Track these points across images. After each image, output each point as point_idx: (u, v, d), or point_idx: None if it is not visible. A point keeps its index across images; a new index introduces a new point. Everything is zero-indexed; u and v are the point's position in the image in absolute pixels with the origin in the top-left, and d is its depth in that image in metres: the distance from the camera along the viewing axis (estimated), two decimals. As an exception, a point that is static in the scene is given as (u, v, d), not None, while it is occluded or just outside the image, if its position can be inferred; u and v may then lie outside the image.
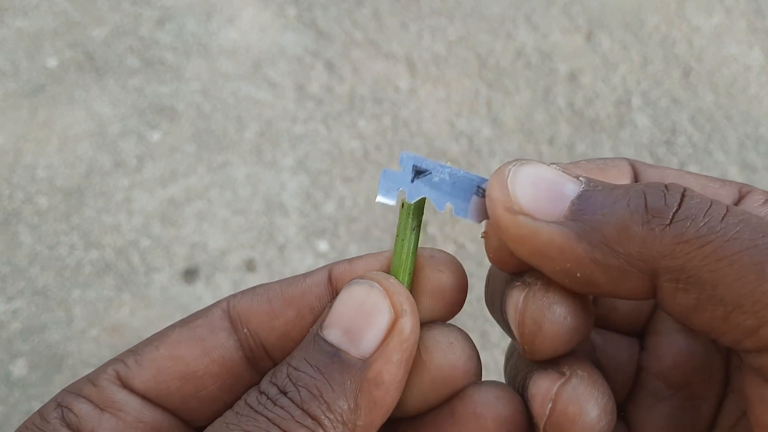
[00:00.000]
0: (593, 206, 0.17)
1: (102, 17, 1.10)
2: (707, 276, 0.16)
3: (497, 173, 0.19)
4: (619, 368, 0.23)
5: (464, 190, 0.21)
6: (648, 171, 0.21)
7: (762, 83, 1.08)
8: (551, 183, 0.18)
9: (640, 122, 1.03)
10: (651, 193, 0.17)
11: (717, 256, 0.15)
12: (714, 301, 0.16)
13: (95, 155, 0.96)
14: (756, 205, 0.20)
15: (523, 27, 1.12)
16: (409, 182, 0.21)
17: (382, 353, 0.18)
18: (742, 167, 1.00)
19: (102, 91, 1.02)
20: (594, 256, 0.17)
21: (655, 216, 0.16)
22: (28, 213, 0.90)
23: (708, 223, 0.16)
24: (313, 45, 1.08)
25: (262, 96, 1.03)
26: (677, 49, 1.11)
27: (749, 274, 0.15)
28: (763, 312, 0.15)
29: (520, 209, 0.18)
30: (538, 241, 0.18)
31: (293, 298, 0.21)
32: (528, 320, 0.19)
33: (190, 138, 0.98)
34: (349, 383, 0.18)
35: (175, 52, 1.07)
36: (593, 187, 0.18)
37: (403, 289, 0.19)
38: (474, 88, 1.05)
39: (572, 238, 0.17)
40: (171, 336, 0.21)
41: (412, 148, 0.99)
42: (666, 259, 0.16)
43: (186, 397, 0.21)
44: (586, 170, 0.21)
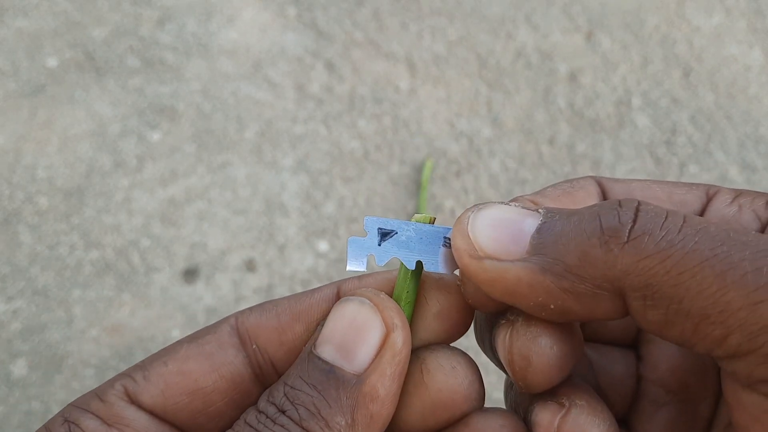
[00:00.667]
0: (552, 237, 0.18)
1: (102, 17, 1.10)
2: (671, 291, 0.16)
3: (457, 223, 0.19)
4: (618, 381, 0.24)
5: (432, 243, 0.21)
6: (615, 186, 0.22)
7: (762, 83, 1.08)
8: (510, 222, 0.19)
9: (640, 122, 1.04)
10: (605, 213, 0.17)
11: (678, 269, 0.16)
12: (682, 315, 0.16)
13: (95, 155, 0.96)
14: (723, 205, 0.20)
15: (524, 27, 1.12)
16: (377, 246, 0.21)
17: (376, 368, 0.18)
18: (742, 167, 1.00)
19: (102, 91, 1.02)
20: (562, 286, 0.17)
21: (611, 236, 0.16)
22: (28, 213, 0.90)
23: (665, 236, 0.16)
24: (313, 45, 1.08)
25: (262, 96, 1.03)
26: (677, 49, 1.11)
27: (711, 285, 0.15)
28: (728, 321, 0.15)
29: (484, 254, 0.18)
30: (507, 281, 0.18)
31: (301, 313, 0.22)
32: (516, 357, 0.19)
33: (191, 138, 0.98)
34: (345, 399, 0.18)
35: (175, 52, 1.07)
36: (551, 217, 0.18)
37: (393, 304, 0.19)
38: (474, 88, 1.05)
39: (537, 272, 0.18)
40: (179, 351, 0.21)
41: (412, 148, 0.99)
42: (630, 277, 0.16)
43: (194, 413, 0.21)
44: (552, 198, 0.21)
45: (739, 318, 0.15)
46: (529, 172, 0.98)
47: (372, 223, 0.21)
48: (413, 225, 0.21)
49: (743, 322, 0.15)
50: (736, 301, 0.15)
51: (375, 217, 0.21)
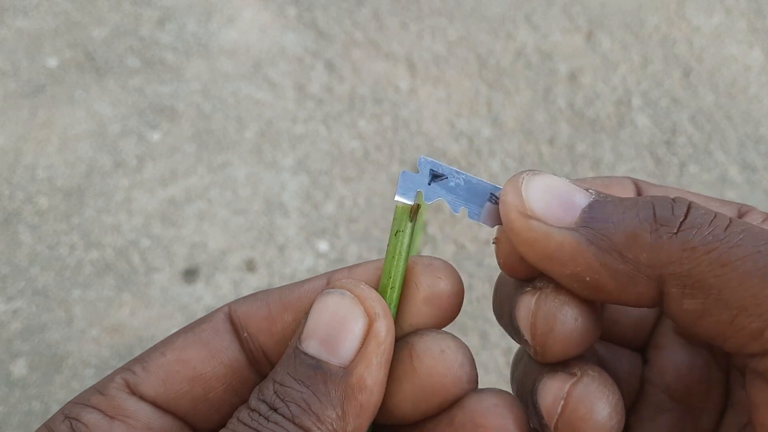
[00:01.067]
0: (604, 215, 0.18)
1: (102, 17, 1.10)
2: (713, 281, 0.16)
3: (512, 180, 0.20)
4: (622, 379, 0.24)
5: (478, 195, 0.22)
6: (651, 189, 0.22)
7: (762, 83, 1.08)
8: (563, 192, 0.19)
9: (640, 122, 1.04)
10: (659, 204, 0.18)
11: (722, 261, 0.16)
12: (719, 306, 0.16)
13: (95, 155, 0.96)
14: (756, 222, 0.21)
15: (524, 27, 1.12)
16: (427, 185, 0.22)
17: (362, 358, 0.18)
18: (742, 167, 1.00)
19: (102, 91, 1.02)
20: (604, 261, 0.18)
21: (663, 225, 0.17)
22: (29, 213, 0.90)
23: (713, 231, 0.16)
24: (313, 45, 1.08)
25: (262, 96, 1.03)
26: (677, 49, 1.11)
27: (753, 278, 0.16)
28: (767, 314, 0.16)
29: (533, 214, 0.19)
30: (550, 245, 0.18)
31: (291, 303, 0.22)
32: (540, 322, 0.19)
33: (191, 138, 0.98)
34: (334, 392, 0.18)
35: (175, 52, 1.07)
36: (603, 198, 0.19)
37: (374, 294, 0.19)
38: (474, 89, 1.05)
39: (583, 243, 0.18)
40: (176, 342, 0.21)
41: (412, 148, 0.99)
42: (673, 265, 0.17)
43: (195, 400, 0.21)
44: (592, 185, 0.22)
45: None
46: (529, 172, 0.99)
47: (426, 163, 0.22)
48: (464, 175, 0.22)
49: None
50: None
51: (430, 158, 0.22)
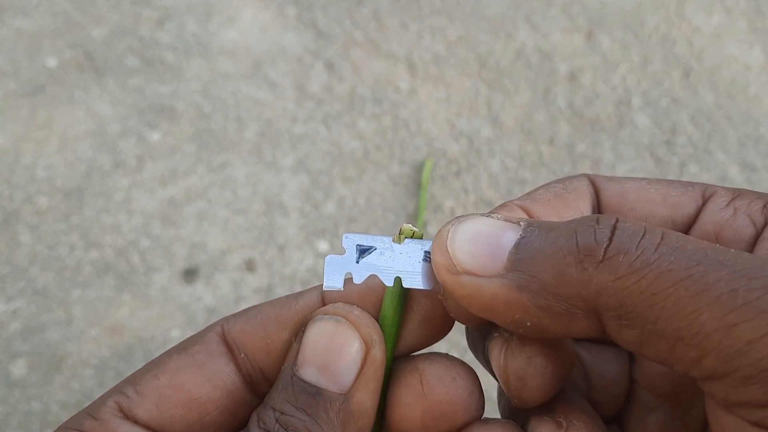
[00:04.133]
0: (530, 253, 0.17)
1: (102, 17, 1.10)
2: (646, 311, 0.16)
3: (437, 237, 0.19)
4: (611, 382, 0.24)
5: (412, 258, 0.21)
6: (608, 187, 0.21)
7: (762, 83, 1.08)
8: (489, 236, 0.18)
9: (640, 122, 1.04)
10: (581, 231, 0.17)
11: (653, 290, 0.15)
12: (657, 336, 0.16)
13: (95, 155, 0.96)
14: (718, 209, 0.20)
15: (523, 27, 1.12)
16: (355, 263, 0.21)
17: (361, 384, 0.19)
18: (742, 167, 1.00)
19: (102, 91, 1.02)
20: (537, 304, 0.17)
21: (586, 255, 0.16)
22: (28, 213, 0.90)
23: (641, 255, 0.16)
24: (313, 45, 1.08)
25: (262, 96, 1.03)
26: (677, 49, 1.11)
27: (686, 306, 0.15)
28: (703, 343, 0.15)
29: (462, 269, 0.18)
30: (484, 298, 0.18)
31: (287, 321, 0.22)
32: (512, 377, 0.19)
33: (190, 138, 0.98)
34: (335, 418, 0.18)
35: (175, 52, 1.07)
36: (531, 232, 0.18)
37: (369, 320, 0.20)
38: (474, 89, 1.05)
39: (513, 289, 0.17)
40: (169, 364, 0.21)
41: (412, 148, 0.99)
42: (604, 297, 0.16)
43: (190, 424, 0.21)
44: (542, 202, 0.21)
45: (713, 341, 0.15)
46: (529, 171, 0.98)
47: (350, 240, 0.21)
48: (391, 242, 0.21)
49: (717, 344, 0.15)
50: (711, 323, 0.15)
51: (355, 233, 0.21)
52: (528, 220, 0.19)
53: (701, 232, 0.20)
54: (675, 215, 0.20)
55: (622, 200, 0.21)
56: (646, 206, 0.21)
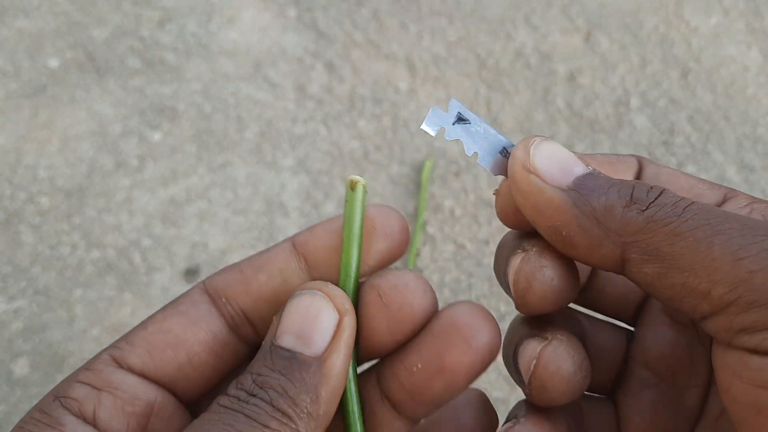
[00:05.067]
0: (592, 185, 0.22)
1: (103, 18, 1.10)
2: (667, 249, 0.19)
3: (524, 140, 0.23)
4: (606, 352, 0.27)
5: (492, 145, 0.25)
6: (648, 169, 0.26)
7: (760, 83, 1.08)
8: (565, 160, 0.23)
9: (638, 122, 1.04)
10: (638, 187, 0.21)
11: (675, 232, 0.19)
12: (673, 270, 0.19)
13: (96, 155, 0.96)
14: (737, 207, 0.23)
15: (523, 28, 1.13)
16: (451, 123, 0.25)
17: (334, 349, 0.21)
18: (740, 167, 1.01)
19: (103, 92, 1.02)
20: (580, 222, 0.21)
21: (635, 203, 0.20)
22: (30, 213, 0.91)
23: (674, 210, 0.20)
24: (313, 46, 1.09)
25: (262, 96, 1.03)
26: (676, 49, 1.12)
27: (700, 245, 0.19)
28: (713, 275, 0.18)
29: (534, 170, 0.22)
30: (541, 198, 0.22)
31: (262, 264, 0.25)
32: (521, 279, 0.22)
33: (191, 138, 0.99)
34: (308, 379, 0.20)
35: (175, 52, 1.07)
36: (597, 173, 0.22)
37: (340, 292, 0.22)
38: (474, 89, 1.06)
39: (568, 202, 0.21)
40: (156, 316, 0.24)
41: (412, 148, 0.99)
42: (636, 235, 0.20)
43: (180, 365, 0.23)
44: (599, 162, 0.25)
45: (722, 272, 0.18)
46: (528, 172, 0.99)
47: (455, 105, 0.25)
48: (485, 124, 0.25)
49: (725, 275, 0.18)
50: (721, 258, 0.18)
51: (460, 102, 0.25)
52: (596, 169, 0.23)
53: None
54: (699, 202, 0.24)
55: (656, 180, 0.25)
56: (675, 189, 0.24)
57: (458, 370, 0.23)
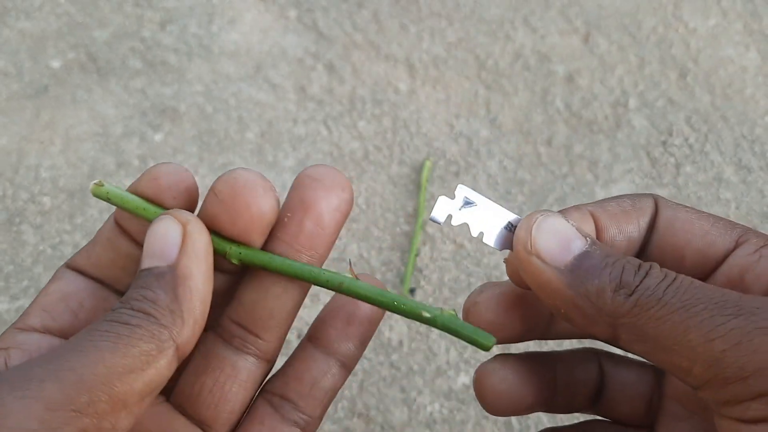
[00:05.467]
0: (587, 265, 0.23)
1: (104, 19, 1.11)
2: (651, 332, 0.21)
3: (527, 218, 0.25)
4: (629, 387, 0.29)
5: (498, 223, 0.27)
6: (665, 211, 0.27)
7: (758, 84, 1.09)
8: (564, 237, 0.24)
9: (637, 123, 1.05)
10: (627, 269, 0.22)
11: (657, 317, 0.21)
12: (659, 350, 0.22)
13: (98, 156, 0.97)
14: (747, 253, 0.25)
15: (522, 29, 1.13)
16: (458, 209, 0.26)
17: (184, 253, 0.23)
18: (737, 167, 1.01)
19: (105, 92, 1.03)
20: (576, 303, 0.23)
21: (623, 287, 0.22)
22: (32, 213, 0.91)
23: (655, 292, 0.21)
24: (313, 47, 1.09)
25: (263, 97, 1.04)
26: (674, 50, 1.12)
27: (677, 329, 0.21)
28: (691, 356, 0.20)
29: (535, 252, 0.24)
30: (542, 279, 0.24)
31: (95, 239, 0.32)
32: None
33: (193, 139, 0.99)
34: (165, 283, 0.23)
35: (177, 53, 1.08)
36: (594, 249, 0.24)
37: (181, 210, 0.25)
38: (473, 90, 1.06)
39: (564, 284, 0.23)
40: None
41: (411, 148, 1.00)
42: (624, 318, 0.22)
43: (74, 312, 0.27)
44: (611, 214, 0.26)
45: (698, 353, 0.20)
46: (528, 172, 0.99)
47: (462, 191, 0.27)
48: (490, 204, 0.26)
49: (700, 356, 0.20)
50: (696, 339, 0.20)
51: (467, 187, 0.27)
52: (593, 239, 0.24)
53: (728, 271, 0.25)
54: (708, 251, 0.25)
55: (670, 226, 0.26)
56: (687, 236, 0.26)
57: (320, 206, 0.25)
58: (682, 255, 0.25)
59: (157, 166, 0.27)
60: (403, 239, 0.92)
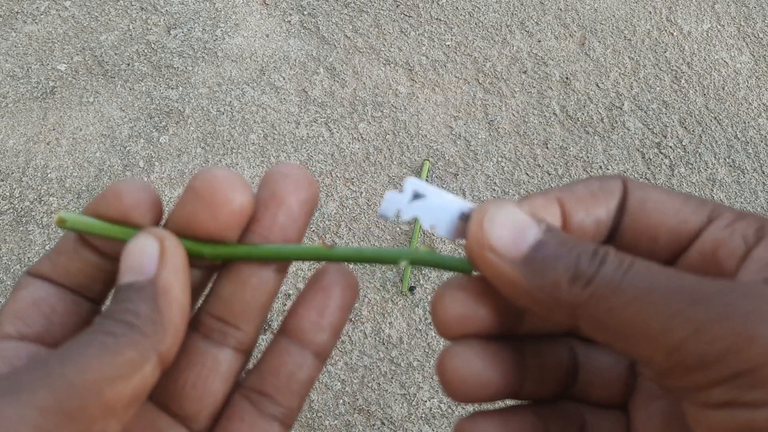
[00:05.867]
0: (542, 256, 0.23)
1: (110, 23, 1.12)
2: (609, 322, 0.21)
3: (477, 213, 0.24)
4: (603, 368, 0.28)
5: (451, 214, 0.25)
6: (635, 192, 0.26)
7: (751, 86, 1.10)
8: (519, 226, 0.23)
9: (631, 125, 1.06)
10: (582, 258, 0.22)
11: (615, 306, 0.21)
12: (619, 339, 0.22)
13: (105, 157, 0.98)
14: (719, 228, 0.24)
15: (519, 33, 1.14)
16: (406, 203, 0.25)
17: (163, 267, 0.23)
18: (731, 169, 1.02)
19: (111, 95, 1.04)
20: (533, 294, 0.23)
21: (579, 277, 0.22)
22: (39, 213, 0.93)
23: (611, 282, 0.21)
24: (315, 51, 1.10)
25: (266, 100, 1.05)
26: (668, 54, 1.13)
27: (635, 319, 0.21)
28: (651, 344, 0.21)
29: (488, 246, 0.23)
30: (497, 273, 0.23)
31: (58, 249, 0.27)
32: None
33: (197, 140, 1.00)
34: (145, 295, 0.23)
35: (182, 57, 1.09)
36: (549, 237, 0.23)
37: (159, 228, 0.25)
38: (471, 93, 1.07)
39: (521, 277, 0.23)
40: None
41: (411, 150, 1.01)
42: (581, 309, 0.22)
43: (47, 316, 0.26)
44: (578, 198, 0.25)
45: (658, 342, 0.20)
46: (525, 173, 1.00)
47: (411, 184, 0.25)
48: (441, 194, 0.25)
49: (661, 344, 0.20)
50: (655, 329, 0.20)
51: (419, 180, 0.25)
52: (549, 225, 0.23)
53: (701, 247, 0.24)
54: (681, 229, 0.25)
55: (641, 207, 0.25)
56: (659, 216, 0.25)
57: (290, 199, 0.26)
58: (655, 234, 0.25)
59: (117, 184, 0.27)
60: (403, 239, 0.93)
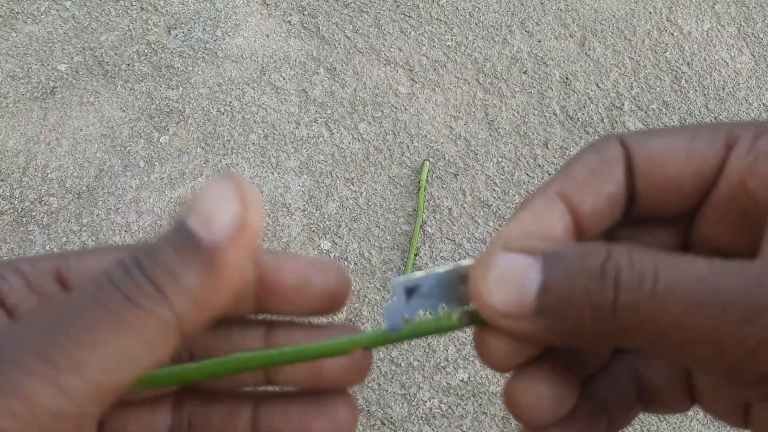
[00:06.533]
0: (553, 302, 0.20)
1: (111, 23, 1.12)
2: (649, 345, 0.19)
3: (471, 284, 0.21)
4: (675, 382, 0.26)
5: (450, 285, 0.23)
6: (638, 149, 0.23)
7: (751, 86, 1.10)
8: (514, 279, 0.20)
9: (631, 125, 1.06)
10: (593, 289, 0.19)
11: (646, 330, 0.19)
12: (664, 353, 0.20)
13: (105, 157, 0.98)
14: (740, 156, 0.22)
15: (519, 33, 1.15)
16: (405, 305, 0.23)
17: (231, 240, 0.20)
18: (730, 169, 1.02)
19: (111, 95, 1.04)
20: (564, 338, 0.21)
21: (599, 311, 0.19)
22: (39, 213, 0.93)
23: (641, 309, 0.19)
24: (316, 51, 1.10)
25: (266, 100, 1.05)
26: (668, 54, 1.14)
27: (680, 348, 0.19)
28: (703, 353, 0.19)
29: (498, 315, 0.21)
30: (521, 334, 0.21)
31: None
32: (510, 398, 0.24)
33: (198, 141, 1.00)
34: (199, 261, 0.19)
35: (182, 57, 1.09)
36: (551, 270, 0.20)
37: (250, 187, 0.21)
38: (471, 93, 1.07)
39: (543, 330, 0.20)
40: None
41: (411, 150, 1.01)
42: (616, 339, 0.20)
43: None
44: (580, 182, 0.23)
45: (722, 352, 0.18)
46: (525, 173, 1.00)
47: (398, 284, 0.23)
48: (431, 273, 0.23)
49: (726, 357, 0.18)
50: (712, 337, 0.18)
51: (402, 277, 0.23)
52: (545, 254, 0.20)
53: (727, 181, 0.21)
54: (702, 170, 0.22)
55: (650, 164, 0.22)
56: (675, 165, 0.22)
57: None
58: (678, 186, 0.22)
59: None
60: (403, 238, 0.93)
